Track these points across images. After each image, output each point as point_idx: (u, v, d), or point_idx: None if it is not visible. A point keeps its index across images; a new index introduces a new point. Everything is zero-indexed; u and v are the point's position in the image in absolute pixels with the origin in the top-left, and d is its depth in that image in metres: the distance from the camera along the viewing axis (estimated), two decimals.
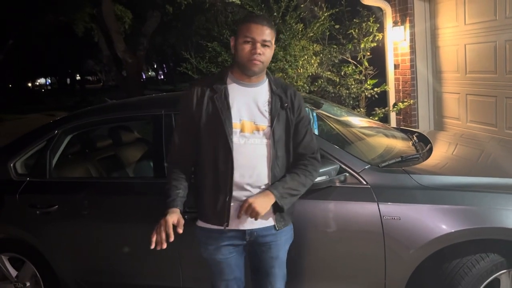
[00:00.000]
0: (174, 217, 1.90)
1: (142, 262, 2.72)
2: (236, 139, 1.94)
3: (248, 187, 1.96)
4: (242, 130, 1.95)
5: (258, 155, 1.97)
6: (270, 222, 2.03)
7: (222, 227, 1.98)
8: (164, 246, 1.86)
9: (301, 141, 2.07)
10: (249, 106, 1.99)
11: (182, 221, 1.91)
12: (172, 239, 1.86)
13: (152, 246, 1.86)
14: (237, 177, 1.94)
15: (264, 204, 1.93)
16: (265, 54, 1.94)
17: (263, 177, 1.97)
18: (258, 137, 1.97)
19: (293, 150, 2.07)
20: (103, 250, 2.81)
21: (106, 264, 2.84)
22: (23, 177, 2.98)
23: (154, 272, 2.71)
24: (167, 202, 1.98)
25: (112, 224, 2.74)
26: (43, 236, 2.87)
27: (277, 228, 2.03)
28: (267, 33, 1.93)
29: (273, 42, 1.99)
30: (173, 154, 2.08)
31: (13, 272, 3.03)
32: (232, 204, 1.96)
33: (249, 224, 1.99)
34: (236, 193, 1.96)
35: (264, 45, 1.93)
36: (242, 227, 2.00)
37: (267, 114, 1.99)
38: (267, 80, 2.07)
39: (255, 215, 1.90)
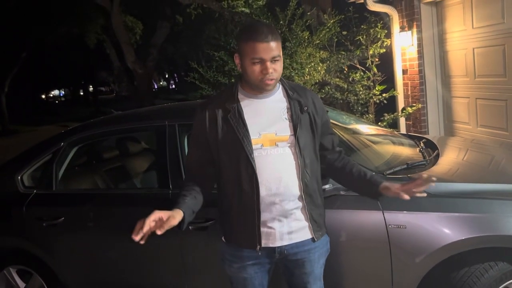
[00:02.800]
0: (165, 213, 1.72)
1: (148, 274, 2.72)
2: (258, 153, 1.85)
3: (277, 200, 1.86)
4: (263, 145, 1.86)
5: (283, 165, 1.86)
6: (301, 237, 1.92)
7: (253, 249, 1.89)
8: (137, 237, 1.64)
9: (333, 145, 2.05)
10: (267, 118, 1.89)
11: (173, 222, 1.72)
12: (145, 229, 1.64)
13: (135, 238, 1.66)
14: (263, 191, 1.84)
15: None
16: (277, 70, 1.83)
17: (292, 188, 1.86)
18: (281, 148, 1.87)
19: (327, 154, 2.03)
20: (110, 262, 2.81)
21: (113, 276, 2.84)
22: (30, 189, 3.01)
23: (160, 284, 2.71)
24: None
25: (118, 236, 2.74)
26: (49, 248, 2.89)
27: (315, 239, 1.93)
28: (274, 48, 1.80)
29: (281, 51, 1.87)
30: (189, 176, 1.98)
31: (21, 285, 3.05)
32: (261, 222, 1.87)
33: (279, 241, 1.89)
34: (264, 210, 1.86)
35: (274, 61, 1.81)
36: (272, 245, 1.89)
37: (288, 122, 1.89)
38: (281, 86, 1.96)
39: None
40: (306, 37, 5.53)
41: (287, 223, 1.90)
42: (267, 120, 1.89)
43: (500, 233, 2.10)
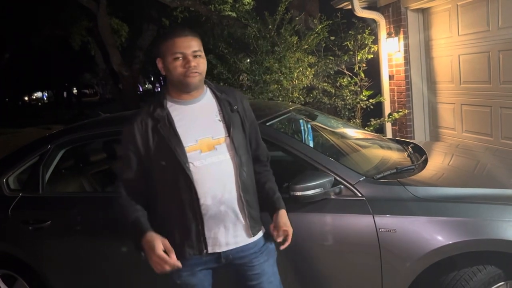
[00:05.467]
0: (158, 243, 1.78)
1: (136, 279, 2.68)
2: (199, 163, 1.84)
3: (223, 207, 1.87)
4: (202, 150, 1.85)
5: (226, 171, 1.88)
6: (245, 240, 1.94)
7: (200, 255, 1.90)
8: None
9: (258, 145, 2.05)
10: (200, 123, 1.89)
11: (166, 241, 1.80)
12: (180, 265, 1.78)
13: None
14: (209, 200, 1.84)
15: None
16: (200, 65, 1.84)
17: (233, 191, 1.89)
18: (221, 152, 1.87)
19: (257, 167, 2.03)
20: (97, 267, 2.76)
21: (100, 281, 2.79)
22: (16, 192, 2.95)
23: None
24: (138, 232, 1.83)
25: (105, 240, 2.71)
26: (36, 252, 2.83)
27: (252, 235, 1.95)
28: (194, 44, 1.84)
29: (202, 51, 1.88)
30: (125, 192, 1.92)
31: None
32: (205, 228, 1.88)
33: (225, 246, 1.91)
34: (211, 217, 1.87)
35: (195, 56, 1.83)
36: (218, 250, 1.91)
37: (221, 124, 1.90)
38: (208, 89, 1.98)
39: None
40: (294, 42, 5.56)
41: (232, 227, 1.91)
42: (201, 125, 1.89)
43: (488, 237, 2.13)
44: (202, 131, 1.87)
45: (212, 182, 1.85)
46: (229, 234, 1.91)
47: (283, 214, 1.95)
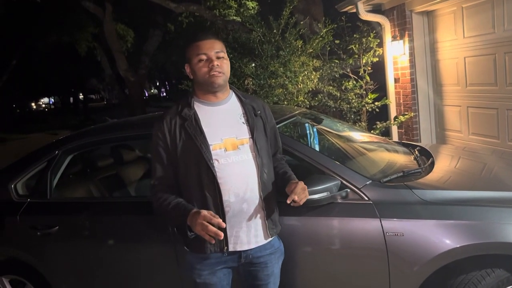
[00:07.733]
0: (204, 211, 1.79)
1: (144, 283, 2.69)
2: (224, 160, 1.92)
3: (245, 205, 1.95)
4: (226, 149, 1.93)
5: (248, 170, 1.95)
6: (264, 240, 2.02)
7: (221, 253, 1.95)
8: (221, 235, 1.74)
9: (278, 148, 2.19)
10: (226, 123, 1.98)
11: (211, 211, 1.81)
12: (223, 225, 1.76)
13: (213, 241, 1.80)
14: (233, 197, 1.92)
15: None
16: (223, 66, 1.94)
17: (255, 190, 1.96)
18: (244, 152, 1.95)
19: (273, 156, 2.14)
20: (105, 272, 2.78)
21: (108, 286, 2.81)
22: (24, 198, 2.97)
23: None
24: (182, 212, 1.86)
25: (114, 245, 2.72)
26: (44, 257, 2.85)
27: (270, 236, 2.01)
28: (217, 46, 1.95)
29: (225, 53, 1.98)
30: (159, 185, 2.01)
31: None
32: (228, 226, 1.92)
33: (246, 245, 1.97)
34: (234, 215, 1.93)
35: (218, 58, 1.93)
36: (239, 249, 1.97)
37: (245, 126, 1.99)
38: (233, 93, 2.08)
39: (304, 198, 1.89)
40: (299, 46, 5.57)
41: (254, 226, 1.98)
42: (226, 125, 1.98)
43: (496, 240, 2.12)
44: (227, 131, 1.96)
45: (235, 180, 1.92)
46: (251, 233, 1.98)
47: (291, 183, 1.96)
